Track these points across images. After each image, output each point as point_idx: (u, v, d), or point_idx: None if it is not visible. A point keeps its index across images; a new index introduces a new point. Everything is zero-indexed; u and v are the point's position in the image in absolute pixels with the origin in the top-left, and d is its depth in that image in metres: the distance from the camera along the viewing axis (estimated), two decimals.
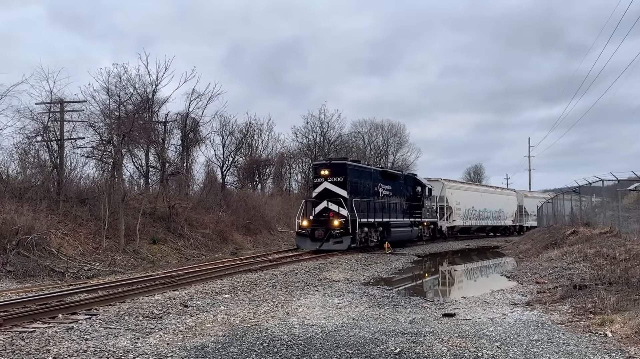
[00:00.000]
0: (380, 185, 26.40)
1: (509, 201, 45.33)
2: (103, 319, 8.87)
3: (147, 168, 31.69)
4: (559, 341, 7.40)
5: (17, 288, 13.49)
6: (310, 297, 11.74)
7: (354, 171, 24.12)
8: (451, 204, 36.55)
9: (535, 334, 7.86)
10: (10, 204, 18.85)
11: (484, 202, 40.94)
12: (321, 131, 51.22)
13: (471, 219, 39.44)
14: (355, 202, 22.89)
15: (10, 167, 23.68)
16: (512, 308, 10.42)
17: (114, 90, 27.96)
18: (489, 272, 21.00)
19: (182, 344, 7.28)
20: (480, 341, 7.43)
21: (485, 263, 24.22)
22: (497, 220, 43.28)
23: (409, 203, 29.66)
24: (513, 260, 22.69)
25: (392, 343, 7.31)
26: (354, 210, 22.52)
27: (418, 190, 31.01)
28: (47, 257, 17.61)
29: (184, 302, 10.64)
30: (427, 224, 32.10)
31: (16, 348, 6.92)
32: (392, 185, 27.82)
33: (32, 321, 8.67)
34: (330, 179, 23.09)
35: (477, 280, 19.12)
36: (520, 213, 46.55)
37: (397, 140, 63.29)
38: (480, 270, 22.01)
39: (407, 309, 10.31)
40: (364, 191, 24.53)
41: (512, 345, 7.20)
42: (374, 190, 25.67)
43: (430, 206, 32.59)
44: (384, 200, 26.47)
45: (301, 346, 7.18)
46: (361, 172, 25.02)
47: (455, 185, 39.24)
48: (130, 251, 21.77)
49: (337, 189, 22.85)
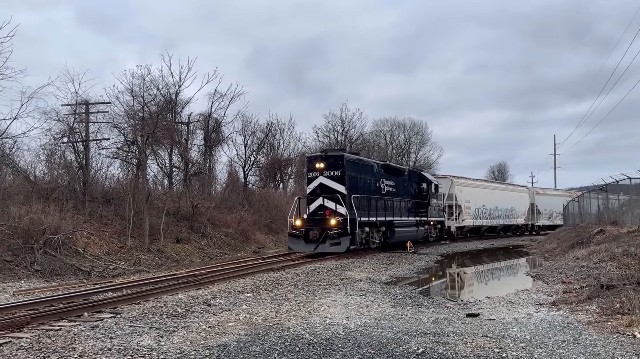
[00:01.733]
0: (383, 181, 24.29)
1: (521, 199, 43.10)
2: (128, 318, 8.98)
3: (170, 168, 32.05)
4: (586, 342, 7.25)
5: (44, 286, 13.74)
6: (332, 296, 11.72)
7: (353, 164, 21.93)
8: (461, 202, 34.39)
9: (561, 335, 7.73)
10: (37, 204, 19.22)
11: (495, 200, 38.73)
12: (342, 130, 51.24)
13: (482, 218, 37.41)
14: (355, 199, 20.84)
15: (37, 167, 24.18)
16: (538, 308, 10.26)
17: (138, 91, 28.41)
18: (513, 271, 20.73)
19: (205, 342, 7.33)
20: (505, 341, 7.33)
21: (509, 262, 23.91)
22: (509, 219, 41.16)
23: (414, 201, 27.45)
24: (538, 259, 22.35)
25: (415, 343, 7.25)
26: (353, 208, 20.45)
27: (424, 187, 28.73)
28: (73, 256, 17.91)
29: (207, 301, 10.71)
30: (433, 223, 29.86)
31: (43, 346, 7.03)
32: (396, 180, 25.70)
33: (58, 319, 8.81)
34: (326, 173, 20.81)
35: (501, 279, 18.89)
36: (532, 211, 44.30)
37: (419, 138, 62.95)
38: (504, 270, 21.73)
39: (430, 309, 10.22)
40: (365, 187, 22.41)
41: (538, 346, 7.08)
42: (375, 185, 23.55)
43: (437, 205, 30.25)
44: (387, 197, 24.21)
45: (323, 345, 7.17)
46: (361, 165, 22.82)
47: (464, 182, 37.00)
48: (155, 250, 22.02)
49: (334, 184, 20.67)
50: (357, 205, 20.73)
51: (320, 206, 20.55)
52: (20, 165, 23.54)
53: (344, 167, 20.84)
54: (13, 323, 8.13)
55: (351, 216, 20.16)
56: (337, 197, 20.27)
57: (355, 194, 21.04)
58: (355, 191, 21.22)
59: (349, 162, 21.37)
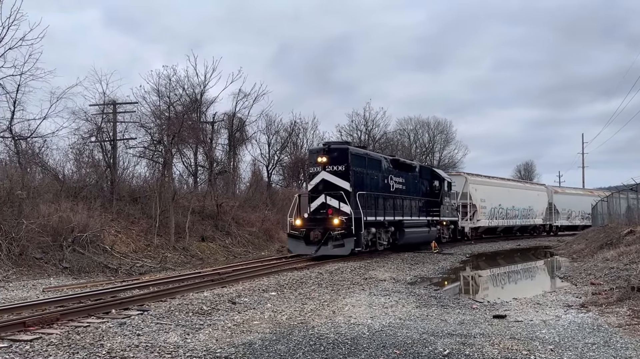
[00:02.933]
0: (392, 177, 22.59)
1: (539, 198, 41.20)
2: (154, 315, 9.08)
3: (195, 167, 32.38)
4: (616, 345, 7.10)
5: (72, 283, 13.99)
6: (356, 296, 11.69)
7: (359, 158, 20.35)
8: (475, 201, 32.58)
9: (591, 337, 7.57)
10: (66, 203, 19.57)
11: (512, 199, 36.91)
12: (366, 129, 51.04)
13: (498, 218, 35.60)
14: (361, 196, 19.25)
15: (66, 166, 24.64)
16: (566, 309, 10.08)
17: (164, 91, 28.77)
18: (540, 272, 20.43)
19: (230, 340, 7.37)
20: (533, 343, 7.22)
21: (536, 263, 23.56)
22: (526, 218, 39.31)
23: (426, 199, 25.82)
24: (566, 260, 21.97)
25: (441, 344, 7.18)
26: (358, 206, 18.88)
27: (436, 185, 27.14)
28: (101, 254, 18.21)
29: (231, 299, 10.78)
30: (446, 224, 28.15)
31: (72, 342, 7.15)
32: (406, 177, 24.06)
33: (87, 316, 8.94)
34: (329, 168, 19.24)
35: (528, 280, 18.62)
36: (550, 211, 42.35)
37: (443, 137, 62.46)
38: (531, 270, 21.41)
39: (455, 310, 10.12)
40: (371, 184, 20.82)
41: (567, 348, 6.95)
42: (383, 182, 21.89)
43: (449, 204, 28.51)
44: (396, 195, 22.56)
45: (348, 345, 7.15)
46: (368, 160, 21.08)
47: (480, 180, 35.24)
48: (180, 248, 22.26)
49: (338, 180, 19.12)
50: (362, 203, 19.26)
51: (322, 204, 19.06)
52: (49, 164, 24.02)
53: (348, 162, 19.33)
54: (43, 320, 8.28)
55: (356, 216, 18.66)
56: (340, 194, 18.82)
57: (361, 191, 19.55)
58: (361, 188, 19.71)
59: (354, 156, 19.87)
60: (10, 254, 15.55)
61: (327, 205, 18.94)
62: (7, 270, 14.86)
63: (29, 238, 16.27)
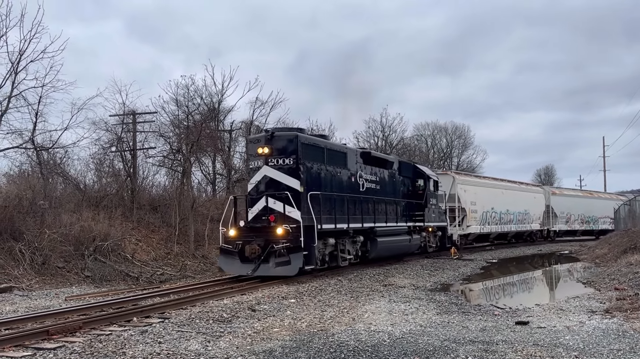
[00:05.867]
0: (361, 174, 18.67)
1: (535, 200, 37.49)
2: (175, 323, 9.14)
3: (214, 175, 32.58)
4: None
5: (94, 292, 14.14)
6: (375, 303, 11.63)
7: (314, 150, 16.25)
8: (465, 204, 28.59)
9: (616, 343, 7.43)
10: (87, 212, 19.84)
11: (506, 202, 33.11)
12: (383, 135, 50.94)
13: (491, 224, 31.66)
14: (314, 198, 15.35)
15: (87, 176, 25.00)
16: (590, 315, 9.92)
17: (183, 101, 29.05)
18: (562, 278, 20.12)
19: (250, 348, 7.38)
20: (557, 350, 7.11)
21: (558, 268, 23.23)
22: (522, 223, 35.69)
23: (407, 202, 21.91)
24: (588, 265, 21.63)
25: (463, 351, 7.11)
26: (311, 211, 15.00)
27: (420, 184, 23.19)
28: (122, 262, 18.38)
29: (251, 306, 10.80)
30: (432, 230, 24.21)
31: (94, 350, 7.22)
32: (381, 175, 20.26)
33: (108, 324, 9.03)
34: (272, 161, 15.28)
35: (550, 286, 18.36)
36: (547, 214, 38.81)
37: (461, 142, 62.09)
38: (553, 276, 21.12)
39: (477, 317, 10.02)
40: (333, 183, 16.99)
41: (591, 355, 6.84)
42: (350, 181, 17.95)
43: (436, 206, 24.50)
44: (367, 197, 18.57)
45: (368, 352, 7.11)
46: (327, 152, 17.01)
47: (469, 180, 31.53)
48: (200, 256, 22.37)
49: (284, 177, 15.19)
50: (317, 207, 15.40)
51: (265, 209, 15.17)
52: (71, 174, 24.38)
53: (298, 154, 15.31)
54: (66, 328, 8.38)
55: (307, 223, 14.78)
56: (286, 195, 14.79)
57: (316, 190, 15.69)
58: (317, 187, 15.92)
59: (306, 146, 15.79)
60: (34, 263, 15.78)
61: (269, 210, 15.09)
62: (31, 279, 15.08)
63: (51, 248, 16.51)
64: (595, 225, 44.91)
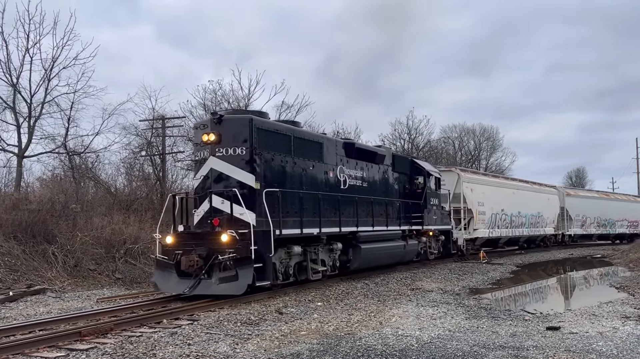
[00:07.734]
0: (343, 169, 15.80)
1: (549, 202, 34.14)
2: (204, 325, 9.23)
3: None
4: None
5: (125, 294, 14.36)
6: (403, 307, 11.56)
7: (275, 137, 13.29)
8: (471, 205, 25.56)
9: None
10: (118, 215, 20.19)
11: (517, 203, 29.79)
12: (409, 137, 50.68)
13: (500, 227, 28.34)
14: (271, 196, 12.36)
15: (117, 180, 25.52)
16: (624, 321, 9.68)
17: (210, 105, 29.38)
18: (595, 282, 19.68)
19: (278, 351, 7.41)
20: (589, 356, 6.96)
21: (590, 272, 22.72)
22: (535, 227, 32.31)
23: (402, 202, 19.03)
24: (622, 269, 21.14)
25: (493, 356, 7.02)
26: (266, 212, 11.97)
27: (418, 181, 20.23)
28: (152, 265, 18.62)
29: (278, 309, 10.84)
30: (434, 234, 21.31)
31: (125, 352, 7.35)
32: (369, 170, 17.29)
33: (139, 326, 9.16)
34: (220, 151, 12.34)
35: (582, 290, 17.97)
36: (562, 218, 35.63)
37: (489, 144, 61.32)
38: (585, 280, 20.67)
39: (507, 322, 9.87)
40: (303, 178, 14.13)
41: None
42: (326, 176, 15.08)
43: (438, 207, 21.75)
44: (349, 195, 15.71)
45: (396, 357, 7.08)
46: (295, 140, 13.97)
47: (476, 178, 28.11)
48: None
49: (235, 170, 12.33)
50: (276, 208, 12.49)
51: (210, 210, 12.29)
52: (102, 178, 24.91)
53: (252, 141, 12.44)
54: (98, 329, 8.54)
55: (261, 227, 11.97)
56: (234, 193, 11.87)
57: (276, 188, 12.73)
58: (280, 184, 13.06)
59: (264, 132, 12.87)
60: (66, 266, 16.12)
61: (214, 211, 12.23)
62: (63, 281, 15.41)
63: (83, 250, 16.85)
64: (612, 228, 41.75)
